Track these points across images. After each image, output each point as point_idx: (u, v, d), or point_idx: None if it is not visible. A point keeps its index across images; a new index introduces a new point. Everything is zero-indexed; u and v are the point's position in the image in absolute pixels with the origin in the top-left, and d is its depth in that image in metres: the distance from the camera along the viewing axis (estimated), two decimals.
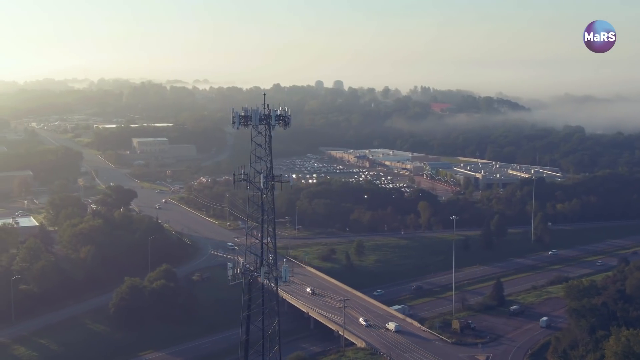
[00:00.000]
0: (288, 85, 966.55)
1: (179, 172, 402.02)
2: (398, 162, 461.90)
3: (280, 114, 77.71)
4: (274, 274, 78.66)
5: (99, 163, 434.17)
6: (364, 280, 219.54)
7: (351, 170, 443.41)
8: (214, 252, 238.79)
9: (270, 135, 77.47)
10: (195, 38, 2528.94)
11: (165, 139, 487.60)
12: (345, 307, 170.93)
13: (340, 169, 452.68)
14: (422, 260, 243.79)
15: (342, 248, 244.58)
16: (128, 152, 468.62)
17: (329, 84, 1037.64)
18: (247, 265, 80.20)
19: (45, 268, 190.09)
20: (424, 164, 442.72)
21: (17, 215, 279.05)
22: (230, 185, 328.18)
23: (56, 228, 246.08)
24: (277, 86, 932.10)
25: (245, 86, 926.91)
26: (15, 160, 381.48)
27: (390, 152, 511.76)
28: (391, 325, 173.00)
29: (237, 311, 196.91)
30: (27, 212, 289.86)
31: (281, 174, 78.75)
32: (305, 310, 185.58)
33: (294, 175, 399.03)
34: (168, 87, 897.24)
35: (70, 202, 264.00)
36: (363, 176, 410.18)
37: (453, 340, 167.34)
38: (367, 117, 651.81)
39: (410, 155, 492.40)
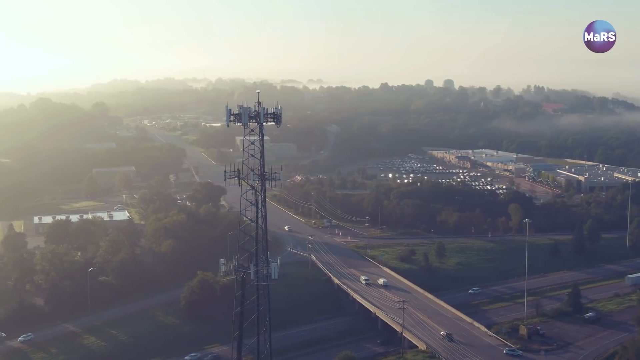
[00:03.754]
0: (397, 85, 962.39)
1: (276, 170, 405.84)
2: (500, 163, 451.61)
3: (271, 112, 77.70)
4: (264, 271, 78.79)
5: (201, 160, 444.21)
6: (440, 283, 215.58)
7: (450, 170, 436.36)
8: (292, 250, 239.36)
9: (262, 133, 77.67)
10: (319, 38, 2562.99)
11: (266, 137, 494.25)
12: (404, 307, 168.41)
13: (439, 169, 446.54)
14: (507, 264, 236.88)
15: (423, 249, 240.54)
16: (231, 150, 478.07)
17: (439, 83, 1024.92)
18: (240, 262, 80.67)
19: (124, 261, 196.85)
20: (527, 165, 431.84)
21: (115, 209, 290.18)
22: (320, 184, 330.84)
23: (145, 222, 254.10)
24: (384, 85, 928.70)
25: (355, 86, 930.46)
26: (121, 156, 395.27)
27: (495, 153, 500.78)
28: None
29: (308, 309, 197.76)
30: (124, 207, 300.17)
31: (275, 172, 78.66)
32: (373, 311, 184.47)
33: (390, 175, 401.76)
34: (278, 87, 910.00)
35: (160, 197, 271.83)
36: (462, 177, 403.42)
37: (518, 346, 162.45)
38: (474, 117, 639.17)
39: (514, 156, 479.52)
